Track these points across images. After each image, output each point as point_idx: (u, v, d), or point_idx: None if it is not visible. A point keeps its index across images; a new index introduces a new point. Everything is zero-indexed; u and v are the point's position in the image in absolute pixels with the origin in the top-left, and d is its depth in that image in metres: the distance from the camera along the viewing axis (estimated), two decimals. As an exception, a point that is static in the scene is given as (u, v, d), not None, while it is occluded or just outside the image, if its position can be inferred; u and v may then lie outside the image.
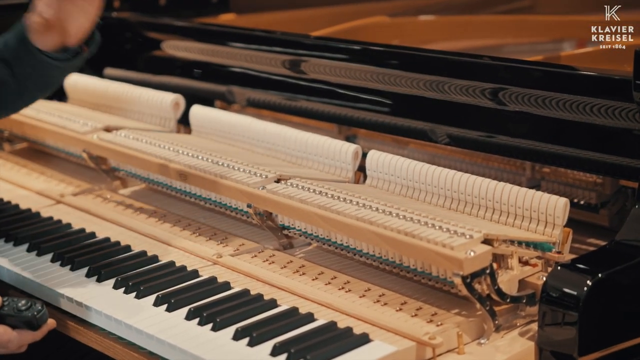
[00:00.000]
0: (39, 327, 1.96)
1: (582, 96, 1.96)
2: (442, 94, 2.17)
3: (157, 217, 2.37)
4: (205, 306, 1.91)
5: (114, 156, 2.48)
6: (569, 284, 1.72)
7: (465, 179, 1.99)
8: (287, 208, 2.05)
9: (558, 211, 1.87)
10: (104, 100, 2.84)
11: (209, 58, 2.77)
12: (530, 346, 1.79)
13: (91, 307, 1.98)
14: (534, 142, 2.05)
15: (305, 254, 2.14)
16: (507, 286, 1.85)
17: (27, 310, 1.93)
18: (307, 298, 1.94)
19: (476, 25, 2.87)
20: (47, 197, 2.56)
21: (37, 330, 1.95)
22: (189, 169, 2.26)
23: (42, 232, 2.31)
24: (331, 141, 2.24)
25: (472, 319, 1.83)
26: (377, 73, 2.31)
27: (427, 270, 1.86)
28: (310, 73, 2.47)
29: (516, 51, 2.69)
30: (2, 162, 2.86)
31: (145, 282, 2.02)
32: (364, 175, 2.20)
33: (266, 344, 1.77)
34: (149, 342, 1.86)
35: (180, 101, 2.65)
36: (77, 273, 2.12)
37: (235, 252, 2.16)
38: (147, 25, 3.02)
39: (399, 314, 1.85)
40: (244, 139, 2.43)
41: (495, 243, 1.81)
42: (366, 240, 1.92)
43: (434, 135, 2.22)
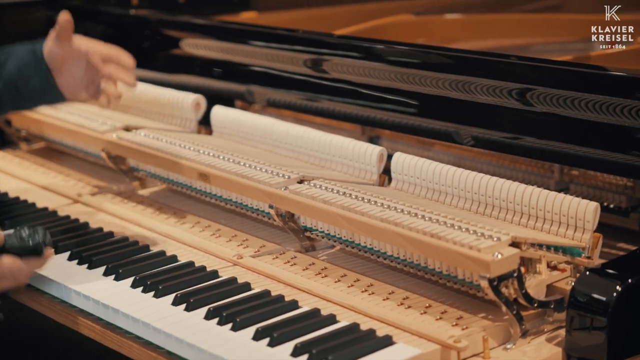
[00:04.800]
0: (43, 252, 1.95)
1: (612, 97, 1.91)
2: (468, 94, 2.13)
3: (177, 218, 2.34)
4: (225, 306, 1.87)
5: (133, 155, 2.45)
6: (597, 289, 1.68)
7: (493, 182, 1.95)
8: (310, 209, 2.02)
9: (588, 216, 1.83)
10: (123, 100, 2.80)
11: (229, 57, 2.73)
12: (558, 352, 1.75)
13: (108, 306, 1.95)
14: (562, 144, 2.01)
15: (327, 257, 2.10)
16: (534, 291, 1.81)
17: (33, 237, 1.92)
18: (329, 300, 1.90)
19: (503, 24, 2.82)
20: (64, 196, 2.53)
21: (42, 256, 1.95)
22: (210, 169, 2.23)
23: (59, 231, 2.28)
24: (355, 143, 2.21)
25: (498, 324, 1.78)
26: (401, 73, 2.27)
27: (452, 273, 1.82)
28: (333, 72, 2.43)
29: (544, 51, 2.65)
30: (19, 161, 2.84)
31: (163, 282, 1.98)
32: (388, 178, 2.17)
33: (287, 344, 1.73)
34: (167, 341, 1.82)
35: (201, 101, 2.62)
36: (94, 272, 2.08)
37: (256, 253, 2.12)
38: (166, 23, 2.99)
39: (424, 317, 1.81)
40: (266, 140, 2.40)
41: (524, 246, 1.77)
42: (391, 241, 1.88)
43: (459, 136, 2.18)
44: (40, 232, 1.93)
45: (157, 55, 2.99)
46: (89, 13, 3.18)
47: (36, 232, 1.93)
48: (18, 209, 2.45)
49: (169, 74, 2.91)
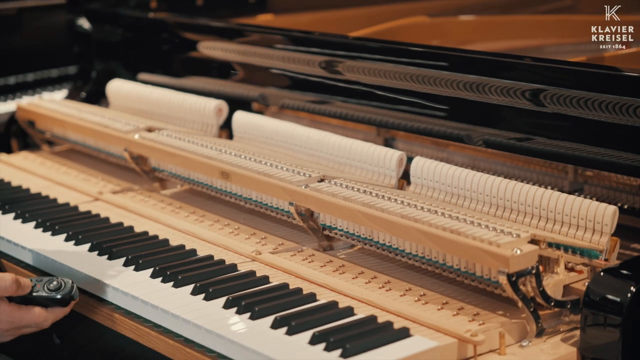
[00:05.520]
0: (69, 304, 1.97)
1: (625, 97, 1.92)
2: (483, 95, 2.15)
3: (196, 216, 2.36)
4: (243, 296, 1.89)
5: (156, 155, 2.48)
6: (612, 290, 1.69)
7: (512, 186, 1.97)
8: (330, 206, 2.03)
9: (606, 219, 1.84)
10: (146, 106, 2.85)
11: (246, 59, 2.76)
12: (573, 351, 1.76)
13: (127, 293, 1.97)
14: (576, 145, 2.02)
15: (345, 255, 2.12)
16: (552, 291, 1.82)
17: (60, 290, 1.94)
18: (347, 295, 1.91)
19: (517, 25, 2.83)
20: (85, 194, 2.56)
21: (67, 306, 1.96)
22: (231, 167, 2.25)
23: (79, 224, 2.31)
24: (375, 147, 2.23)
25: (515, 321, 1.80)
26: (416, 74, 2.29)
27: (470, 270, 1.84)
28: (349, 74, 2.45)
29: (558, 51, 2.66)
30: (42, 161, 2.87)
31: (183, 272, 2.01)
32: (407, 182, 2.19)
33: (305, 333, 1.75)
34: (186, 327, 1.84)
35: (223, 107, 2.65)
36: (114, 262, 2.11)
37: (275, 250, 2.14)
38: (183, 25, 3.02)
39: (441, 312, 1.83)
40: (287, 144, 2.42)
41: (542, 244, 1.79)
42: (411, 238, 1.90)
43: (474, 137, 2.19)
44: (69, 285, 1.95)
45: (175, 57, 3.03)
46: (108, 16, 3.22)
47: (65, 284, 1.95)
48: (40, 204, 2.47)
49: (186, 76, 2.95)
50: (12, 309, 1.91)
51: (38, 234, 2.29)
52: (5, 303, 1.91)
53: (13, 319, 1.91)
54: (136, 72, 3.09)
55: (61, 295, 1.93)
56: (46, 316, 1.94)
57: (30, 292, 1.93)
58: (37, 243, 2.24)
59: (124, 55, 3.20)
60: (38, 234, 2.30)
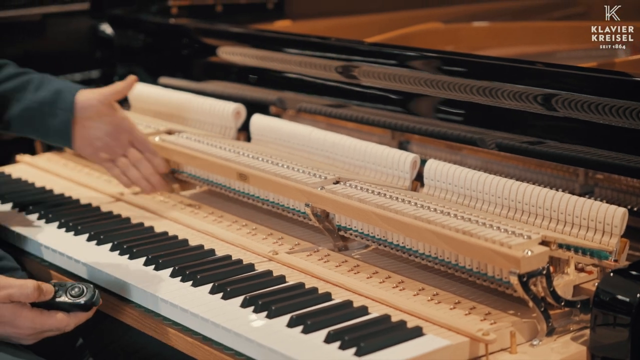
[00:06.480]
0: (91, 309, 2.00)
1: (635, 102, 1.96)
2: (496, 99, 2.19)
3: (214, 217, 2.41)
4: (260, 295, 1.94)
5: (175, 156, 2.53)
6: (621, 291, 1.72)
7: (524, 188, 2.01)
8: (346, 207, 2.08)
9: (616, 220, 1.87)
10: (166, 109, 2.90)
11: (265, 64, 2.81)
12: (584, 350, 1.79)
13: (148, 292, 2.02)
14: (587, 149, 2.06)
15: (360, 255, 2.16)
16: (562, 291, 1.85)
17: (82, 296, 1.97)
18: (361, 294, 1.95)
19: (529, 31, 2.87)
20: (107, 194, 2.61)
21: (89, 311, 2.00)
22: (249, 169, 2.30)
23: (101, 224, 2.36)
24: (389, 150, 2.27)
25: (526, 320, 1.83)
26: (430, 79, 2.33)
27: (482, 270, 1.88)
28: (365, 79, 2.50)
29: (570, 57, 2.69)
30: (65, 163, 2.92)
31: (201, 272, 2.05)
32: (420, 184, 2.23)
33: (320, 332, 1.79)
34: (204, 325, 1.89)
35: (241, 110, 2.69)
36: (135, 262, 2.16)
37: (291, 250, 2.19)
38: (203, 31, 3.08)
39: (453, 311, 1.87)
40: (304, 147, 2.47)
41: (553, 245, 1.83)
42: (424, 239, 1.94)
43: (487, 141, 2.23)
44: (90, 290, 1.98)
45: (195, 61, 3.08)
46: (130, 22, 3.29)
47: (87, 289, 1.98)
48: (63, 205, 2.53)
49: (206, 81, 3.00)
50: (34, 315, 1.94)
51: (61, 234, 2.35)
52: (28, 309, 1.94)
53: (35, 324, 1.94)
54: (157, 76, 3.15)
55: (84, 301, 1.97)
56: (68, 321, 1.97)
57: (52, 298, 1.95)
58: (60, 243, 2.29)
59: (145, 60, 3.26)
60: (61, 234, 2.35)
